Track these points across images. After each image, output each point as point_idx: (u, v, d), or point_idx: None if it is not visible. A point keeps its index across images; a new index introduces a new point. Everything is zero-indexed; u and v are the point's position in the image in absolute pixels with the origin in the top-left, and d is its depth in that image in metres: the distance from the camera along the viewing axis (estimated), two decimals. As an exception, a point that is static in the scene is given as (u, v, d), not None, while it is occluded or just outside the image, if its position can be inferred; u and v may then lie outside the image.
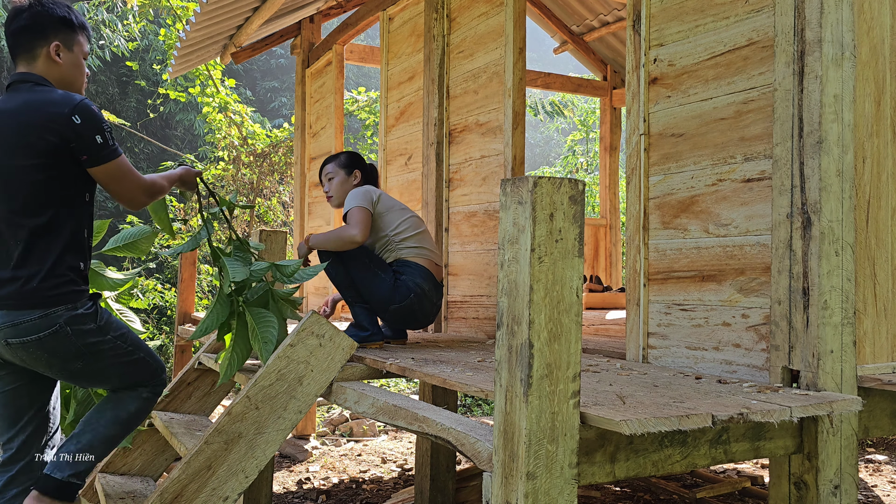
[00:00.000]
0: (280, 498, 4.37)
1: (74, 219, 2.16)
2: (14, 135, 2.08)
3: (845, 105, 2.07)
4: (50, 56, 2.21)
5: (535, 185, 1.47)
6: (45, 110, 2.08)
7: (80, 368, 2.18)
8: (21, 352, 2.11)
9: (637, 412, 1.59)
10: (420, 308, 3.15)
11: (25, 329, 2.07)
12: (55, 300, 2.10)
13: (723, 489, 4.17)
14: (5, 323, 2.08)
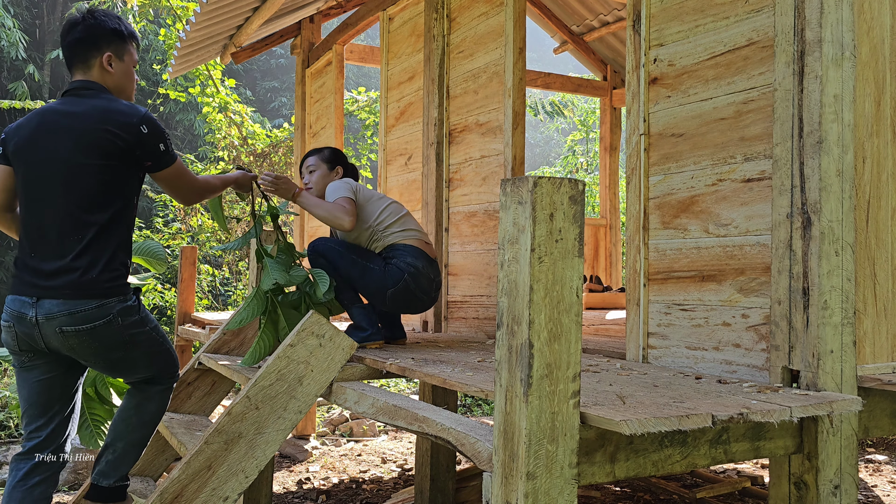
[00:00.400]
0: (280, 498, 4.37)
1: (126, 218, 2.34)
2: (83, 136, 2.22)
3: (845, 105, 2.07)
4: (103, 66, 2.38)
5: (535, 185, 1.47)
6: (114, 118, 2.24)
7: (118, 357, 2.33)
8: (73, 339, 2.22)
9: (637, 412, 1.59)
10: (418, 286, 3.11)
11: (82, 318, 2.20)
12: (110, 292, 2.25)
13: (723, 489, 4.17)
14: (61, 312, 2.19)
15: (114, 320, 2.24)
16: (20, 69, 13.75)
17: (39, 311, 2.20)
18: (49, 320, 2.20)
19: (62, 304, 2.19)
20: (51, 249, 2.23)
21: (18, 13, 14.20)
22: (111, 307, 2.24)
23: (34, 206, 2.27)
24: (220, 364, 3.27)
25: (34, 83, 13.94)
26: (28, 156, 2.27)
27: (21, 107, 10.46)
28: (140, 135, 2.26)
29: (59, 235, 2.22)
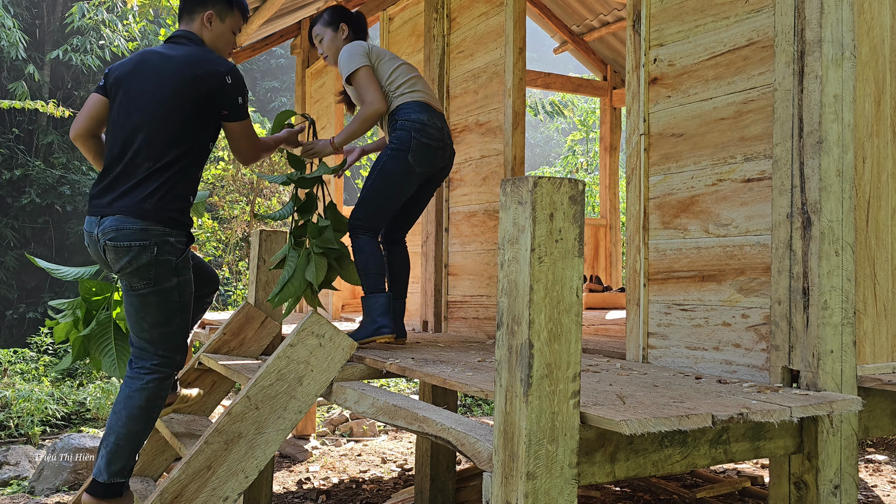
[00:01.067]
0: (280, 498, 4.37)
1: (195, 161, 2.51)
2: (174, 78, 2.45)
3: (845, 105, 2.07)
4: (203, 21, 2.63)
5: (535, 185, 1.47)
6: (203, 65, 2.47)
7: (139, 290, 2.44)
8: (112, 254, 2.41)
9: (637, 412, 1.59)
10: (429, 137, 3.02)
11: (125, 234, 2.38)
12: (157, 219, 2.41)
13: (723, 489, 4.17)
14: (112, 227, 2.39)
15: (150, 247, 2.39)
16: (20, 69, 13.75)
17: (100, 228, 2.42)
18: (104, 235, 2.41)
19: (115, 220, 2.39)
20: (123, 174, 2.43)
21: (18, 13, 14.20)
22: (153, 233, 2.40)
23: (119, 134, 2.46)
24: (220, 364, 3.27)
25: (34, 83, 13.94)
26: (123, 89, 2.49)
27: (21, 107, 10.45)
28: (224, 84, 2.48)
29: (133, 162, 2.42)
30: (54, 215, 13.93)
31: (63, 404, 7.20)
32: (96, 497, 2.44)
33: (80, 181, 13.52)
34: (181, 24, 2.64)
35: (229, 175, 9.66)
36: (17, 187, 13.73)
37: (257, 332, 3.52)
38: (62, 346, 8.30)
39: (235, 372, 3.10)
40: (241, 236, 9.96)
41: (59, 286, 13.80)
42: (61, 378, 8.88)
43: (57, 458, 4.84)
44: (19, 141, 13.91)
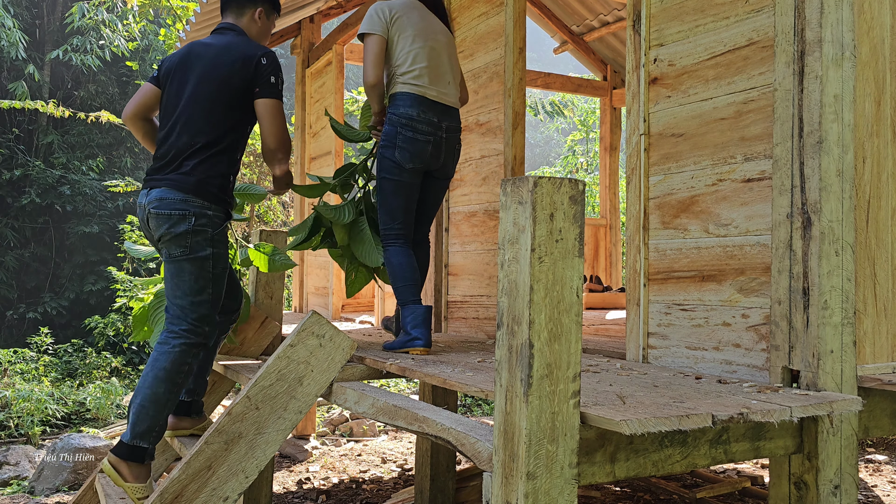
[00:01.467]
0: (280, 498, 4.37)
1: (235, 142, 2.69)
2: (215, 64, 2.65)
3: (845, 105, 2.07)
4: (253, 17, 2.85)
5: (535, 185, 1.47)
6: (242, 51, 2.66)
7: (176, 257, 2.59)
8: (153, 221, 2.59)
9: (637, 412, 1.59)
10: (415, 131, 2.95)
11: (167, 204, 2.56)
12: (198, 192, 2.58)
13: (723, 489, 4.17)
14: (156, 197, 2.58)
15: (188, 217, 2.56)
16: (20, 69, 13.75)
17: (147, 198, 2.61)
18: (149, 204, 2.59)
19: (160, 191, 2.58)
20: (170, 153, 2.62)
21: (18, 13, 14.20)
22: (192, 204, 2.57)
23: (168, 118, 2.68)
24: (220, 364, 3.27)
25: (34, 83, 13.93)
26: (172, 78, 2.72)
27: (21, 107, 10.45)
28: (259, 65, 2.64)
29: (178, 143, 2.62)
30: (54, 215, 13.93)
31: (63, 404, 7.20)
32: (118, 456, 2.54)
33: (80, 181, 13.52)
34: (226, 16, 2.86)
35: (229, 175, 9.66)
36: (17, 187, 13.73)
37: (257, 332, 3.52)
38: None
39: (235, 372, 3.10)
40: (241, 236, 9.97)
41: (58, 286, 13.81)
42: (61, 378, 8.87)
43: (57, 458, 4.84)
44: (19, 141, 13.91)
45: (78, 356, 9.64)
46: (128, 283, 9.34)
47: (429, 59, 3.02)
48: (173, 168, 2.61)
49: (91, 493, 3.29)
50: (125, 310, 9.55)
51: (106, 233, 13.45)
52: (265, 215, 9.68)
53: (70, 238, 13.80)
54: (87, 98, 14.22)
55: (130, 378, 9.57)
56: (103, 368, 9.39)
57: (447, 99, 3.04)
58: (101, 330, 9.65)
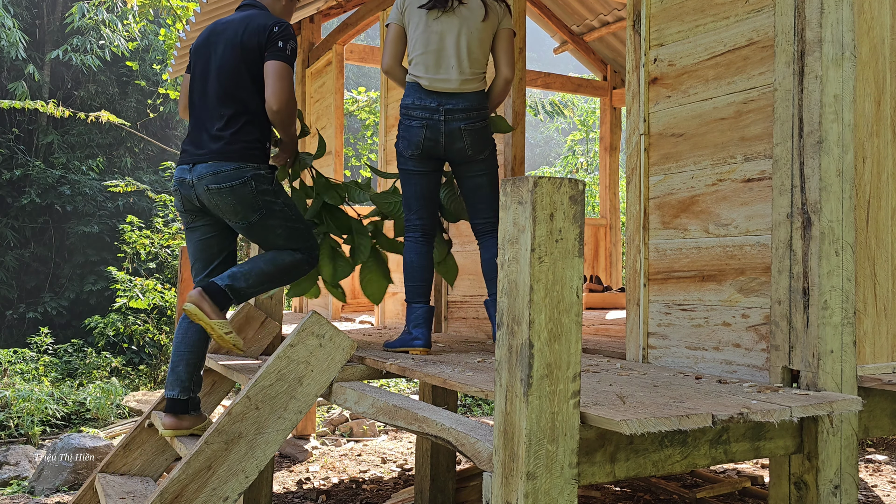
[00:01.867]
0: (280, 498, 4.37)
1: (263, 108, 2.78)
2: (234, 35, 2.77)
3: (845, 105, 2.07)
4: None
5: (535, 185, 1.47)
6: (259, 22, 2.78)
7: (256, 221, 2.74)
8: (217, 197, 2.69)
9: (637, 412, 1.59)
10: (412, 119, 2.95)
11: (223, 177, 2.67)
12: (246, 157, 2.71)
13: (723, 489, 4.17)
14: (208, 172, 2.68)
15: (248, 182, 2.68)
16: (20, 69, 13.75)
17: (194, 174, 2.71)
18: (200, 180, 2.69)
19: (209, 166, 2.68)
20: (205, 126, 2.75)
21: (18, 13, 14.20)
22: (246, 171, 2.69)
23: (198, 94, 2.81)
24: (219, 364, 3.27)
25: (34, 83, 13.93)
26: (196, 57, 2.86)
27: (21, 107, 10.45)
28: (271, 32, 2.74)
29: (212, 115, 2.75)
30: (54, 215, 13.93)
31: (63, 404, 7.20)
32: (206, 292, 2.67)
33: (80, 181, 13.52)
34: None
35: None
36: (17, 187, 13.73)
37: (257, 332, 3.52)
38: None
39: (235, 372, 3.10)
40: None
41: (58, 286, 13.80)
42: (61, 378, 8.87)
43: (57, 458, 4.84)
44: (19, 141, 13.91)
45: (78, 356, 9.64)
46: (128, 283, 9.34)
47: (426, 45, 2.97)
48: (212, 139, 2.72)
49: (91, 493, 3.29)
50: (125, 310, 9.55)
51: (106, 233, 13.45)
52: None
53: (70, 238, 13.80)
54: (87, 98, 14.22)
55: (130, 378, 9.57)
56: (103, 368, 9.39)
57: (445, 85, 2.95)
58: (101, 330, 9.65)
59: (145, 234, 9.96)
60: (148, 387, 9.27)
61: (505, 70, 3.05)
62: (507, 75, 3.05)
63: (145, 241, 9.87)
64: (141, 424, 3.33)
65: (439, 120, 2.95)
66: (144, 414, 3.36)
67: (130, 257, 10.12)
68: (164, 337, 9.61)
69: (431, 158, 3.02)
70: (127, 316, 9.64)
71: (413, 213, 3.06)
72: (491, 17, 3.01)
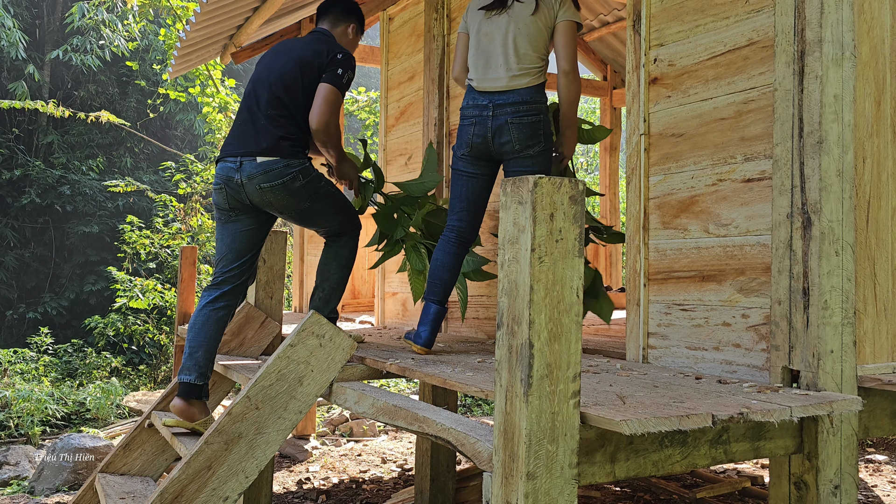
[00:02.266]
0: (280, 498, 4.37)
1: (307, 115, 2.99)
2: (301, 51, 3.00)
3: (845, 105, 2.07)
4: (346, 30, 3.22)
5: (535, 185, 1.47)
6: (325, 45, 3.01)
7: (307, 208, 2.96)
8: (270, 195, 2.88)
9: (637, 412, 1.59)
10: (463, 118, 3.03)
11: (274, 175, 2.86)
12: (292, 154, 2.90)
13: (723, 489, 4.17)
14: (259, 172, 2.85)
15: (297, 177, 2.88)
16: (20, 69, 13.75)
17: (243, 174, 2.86)
18: (251, 180, 2.86)
19: (258, 165, 2.85)
20: (254, 126, 2.93)
21: (18, 13, 14.20)
22: (293, 167, 2.88)
23: (251, 94, 3.01)
24: (220, 364, 3.27)
25: (34, 83, 13.93)
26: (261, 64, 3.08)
27: (21, 107, 10.44)
28: (334, 58, 2.95)
29: (261, 114, 2.93)
30: (54, 215, 13.93)
31: (63, 404, 7.20)
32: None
33: (80, 181, 13.52)
34: (321, 23, 3.21)
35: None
36: (17, 187, 13.73)
37: (257, 332, 3.53)
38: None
39: (235, 372, 3.10)
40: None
41: (58, 286, 13.80)
42: (61, 378, 8.87)
43: (57, 458, 4.84)
44: (19, 141, 13.91)
45: (78, 356, 9.64)
46: (128, 283, 9.34)
47: (478, 47, 3.03)
48: (262, 138, 2.89)
49: (91, 493, 3.29)
50: (125, 310, 9.55)
51: (106, 233, 13.45)
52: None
53: (70, 238, 13.80)
54: (87, 98, 14.22)
55: (130, 378, 9.57)
56: (103, 368, 9.39)
57: (493, 84, 2.96)
58: (101, 330, 9.65)
59: (145, 234, 9.96)
60: (148, 387, 9.27)
61: (561, 63, 3.00)
62: (563, 67, 2.99)
63: (145, 241, 9.87)
64: (141, 424, 3.33)
65: (488, 116, 2.95)
66: (144, 414, 3.36)
67: (130, 257, 10.12)
68: (163, 337, 9.60)
69: (482, 160, 3.00)
70: (127, 316, 9.64)
71: (454, 215, 3.05)
72: (542, 11, 2.95)
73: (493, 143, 2.95)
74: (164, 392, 3.40)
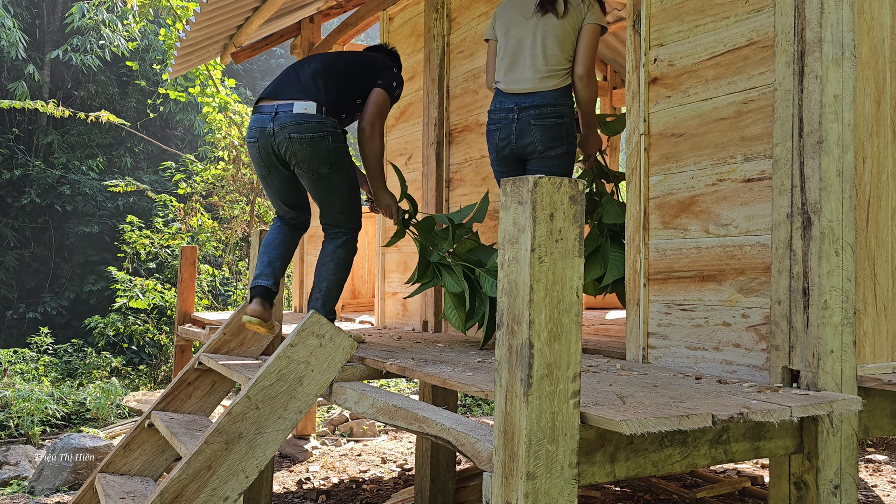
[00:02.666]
0: (280, 498, 4.37)
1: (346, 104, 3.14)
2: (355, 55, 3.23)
3: (845, 105, 2.07)
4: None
5: (535, 185, 1.47)
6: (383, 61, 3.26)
7: (325, 174, 3.00)
8: (297, 145, 2.93)
9: (637, 412, 1.59)
10: (489, 123, 3.13)
11: (306, 128, 2.93)
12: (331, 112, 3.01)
13: (723, 489, 4.17)
14: (292, 122, 2.93)
15: (326, 137, 2.95)
16: (20, 69, 13.75)
17: (276, 122, 2.94)
18: (282, 129, 2.92)
19: (293, 116, 2.93)
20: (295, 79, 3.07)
21: (18, 13, 14.20)
22: (327, 124, 2.96)
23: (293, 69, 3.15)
24: (220, 364, 3.27)
25: (34, 83, 13.93)
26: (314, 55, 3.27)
27: (21, 107, 10.44)
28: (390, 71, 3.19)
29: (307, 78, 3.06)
30: (54, 215, 13.93)
31: (63, 404, 7.20)
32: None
33: (80, 181, 13.51)
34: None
35: (229, 175, 9.66)
36: (17, 187, 13.72)
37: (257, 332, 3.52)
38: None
39: (235, 372, 3.10)
40: (241, 236, 9.97)
41: (58, 286, 13.80)
42: (61, 378, 8.87)
43: (57, 458, 4.84)
44: (19, 141, 13.91)
45: (78, 356, 9.64)
46: (128, 283, 9.34)
47: (506, 49, 3.11)
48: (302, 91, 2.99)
49: (91, 493, 3.29)
50: (125, 310, 9.55)
51: (106, 233, 13.45)
52: (265, 215, 9.68)
53: (70, 238, 13.80)
54: (87, 98, 14.22)
55: (130, 378, 9.57)
56: (103, 368, 9.39)
57: (519, 86, 3.02)
58: (101, 330, 9.65)
59: (145, 234, 9.96)
60: (148, 387, 9.27)
61: (577, 67, 3.04)
62: (578, 72, 3.03)
63: (145, 241, 9.88)
64: (141, 424, 3.33)
65: (513, 119, 3.03)
66: (144, 414, 3.36)
67: (130, 257, 10.12)
68: (163, 337, 9.60)
69: (511, 160, 3.11)
70: (127, 316, 9.65)
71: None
72: (571, 13, 3.00)
73: (517, 145, 3.05)
74: (165, 392, 3.40)
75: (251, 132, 3.02)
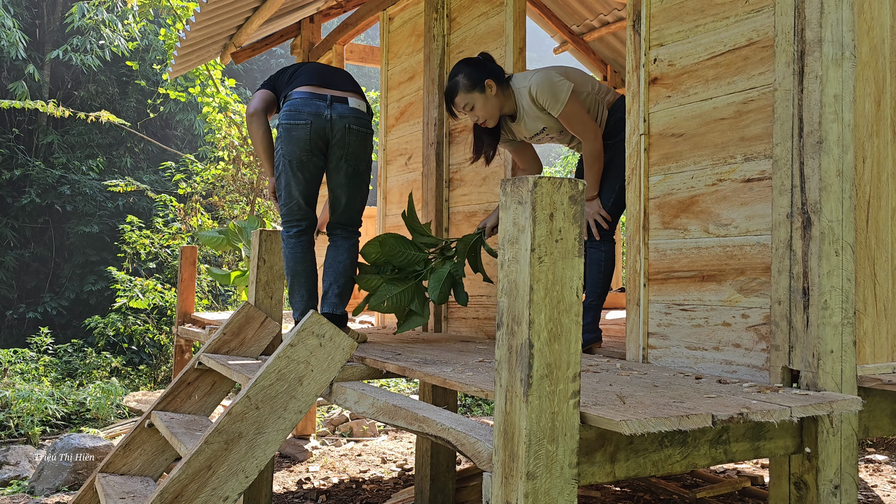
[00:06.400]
0: (280, 498, 4.37)
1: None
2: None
3: (845, 105, 2.07)
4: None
5: (535, 185, 1.47)
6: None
7: (363, 170, 3.13)
8: (354, 137, 3.05)
9: (637, 412, 1.59)
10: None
11: (365, 122, 3.08)
12: (370, 114, 3.13)
13: (723, 489, 4.17)
14: (352, 114, 3.04)
15: (371, 137, 3.10)
16: (20, 69, 13.75)
17: (334, 111, 3.01)
18: (342, 118, 3.01)
19: (350, 108, 3.03)
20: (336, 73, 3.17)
21: (18, 13, 14.19)
22: (369, 123, 3.09)
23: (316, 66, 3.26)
24: (220, 364, 3.27)
25: (34, 83, 13.93)
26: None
27: (21, 107, 10.45)
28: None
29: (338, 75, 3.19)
30: (54, 215, 13.93)
31: (63, 404, 7.20)
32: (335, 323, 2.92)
33: (80, 181, 13.51)
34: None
35: (229, 175, 9.66)
36: (17, 187, 13.73)
37: (257, 332, 3.52)
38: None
39: (235, 372, 3.10)
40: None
41: (58, 286, 13.80)
42: (61, 378, 8.87)
43: (57, 458, 4.84)
44: (19, 141, 13.91)
45: (78, 356, 9.64)
46: (128, 283, 9.34)
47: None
48: (346, 82, 3.10)
49: (91, 493, 3.29)
50: (125, 310, 9.55)
51: (106, 233, 13.45)
52: (265, 215, 9.67)
53: (70, 238, 13.80)
54: (87, 98, 14.23)
55: (130, 378, 9.57)
56: (103, 368, 9.39)
57: None
58: (101, 330, 9.65)
59: (145, 234, 9.96)
60: (148, 387, 9.27)
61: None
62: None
63: (145, 241, 9.88)
64: (141, 424, 3.33)
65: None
66: (144, 414, 3.36)
67: (130, 257, 10.12)
68: (163, 337, 9.60)
69: None
70: (127, 316, 9.65)
71: None
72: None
73: None
74: (164, 392, 3.40)
75: (301, 114, 2.99)
